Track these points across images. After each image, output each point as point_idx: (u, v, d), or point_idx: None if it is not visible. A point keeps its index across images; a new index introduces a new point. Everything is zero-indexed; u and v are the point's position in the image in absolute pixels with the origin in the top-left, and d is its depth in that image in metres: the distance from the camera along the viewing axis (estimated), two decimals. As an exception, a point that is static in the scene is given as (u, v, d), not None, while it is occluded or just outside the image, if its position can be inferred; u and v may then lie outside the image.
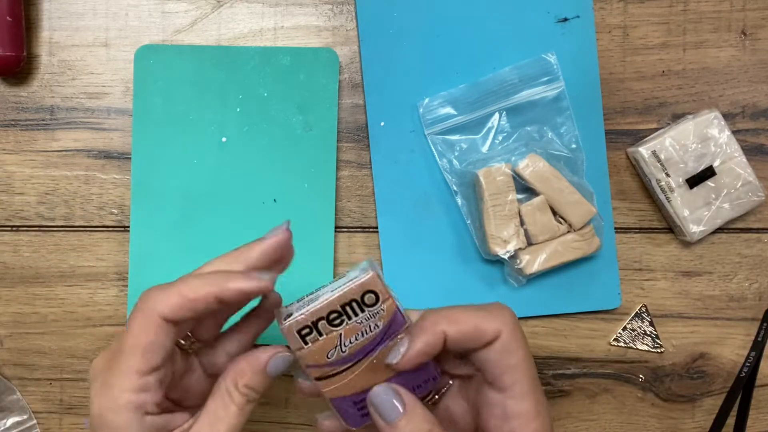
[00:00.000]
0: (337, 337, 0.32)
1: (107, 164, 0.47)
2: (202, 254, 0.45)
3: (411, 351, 0.31)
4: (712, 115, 0.45)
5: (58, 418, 0.48)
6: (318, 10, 0.47)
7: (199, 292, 0.30)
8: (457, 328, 0.32)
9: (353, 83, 0.47)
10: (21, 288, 0.48)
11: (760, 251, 0.48)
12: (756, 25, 0.47)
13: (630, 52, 0.47)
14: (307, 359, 0.32)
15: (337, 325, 0.32)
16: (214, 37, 0.47)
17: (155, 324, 0.30)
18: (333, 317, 0.32)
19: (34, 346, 0.48)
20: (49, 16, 0.47)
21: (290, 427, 0.48)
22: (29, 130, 0.47)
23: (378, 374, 0.33)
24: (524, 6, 0.46)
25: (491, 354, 0.32)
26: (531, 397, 0.32)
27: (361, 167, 0.47)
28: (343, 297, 0.31)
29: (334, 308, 0.32)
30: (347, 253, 0.47)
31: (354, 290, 0.31)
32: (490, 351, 0.32)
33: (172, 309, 0.30)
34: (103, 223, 0.47)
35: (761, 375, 0.48)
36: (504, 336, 0.32)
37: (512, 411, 0.32)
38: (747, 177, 0.45)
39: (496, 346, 0.32)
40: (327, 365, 0.32)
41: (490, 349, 0.32)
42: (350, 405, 0.33)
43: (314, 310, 0.31)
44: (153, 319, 0.30)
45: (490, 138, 0.46)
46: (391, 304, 0.32)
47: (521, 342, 0.32)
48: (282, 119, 0.46)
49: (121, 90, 0.47)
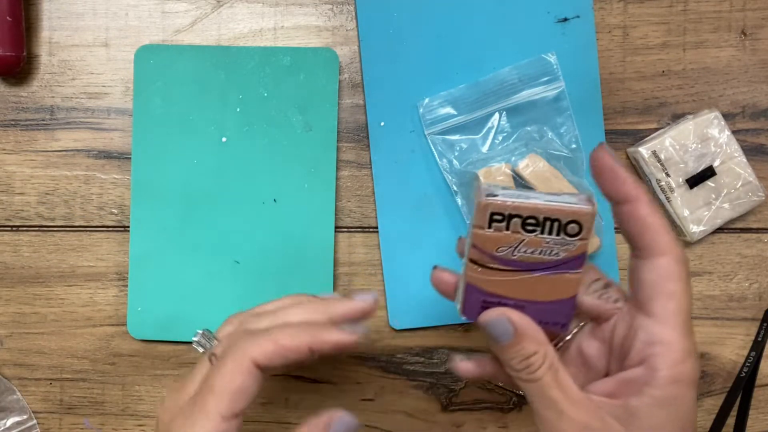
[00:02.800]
0: (519, 241, 0.31)
1: (107, 164, 0.47)
2: (202, 254, 0.46)
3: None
4: (712, 115, 0.45)
5: (58, 418, 0.48)
6: (318, 10, 0.47)
7: (294, 341, 0.32)
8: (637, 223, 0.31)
9: (353, 83, 0.47)
10: (21, 288, 0.48)
11: (760, 251, 0.48)
12: (756, 25, 0.47)
13: (630, 52, 0.47)
14: (478, 239, 0.31)
15: (527, 230, 0.31)
16: (214, 37, 0.47)
17: (247, 369, 0.31)
18: (529, 221, 0.30)
19: (34, 346, 0.48)
20: (49, 16, 0.47)
21: (290, 427, 0.48)
22: (29, 130, 0.47)
23: (523, 292, 0.32)
24: (524, 6, 0.46)
25: (652, 274, 0.31)
26: (680, 330, 0.30)
27: (361, 167, 0.47)
28: (551, 211, 0.30)
29: (536, 215, 0.30)
30: (347, 253, 0.47)
31: (566, 212, 0.30)
32: (652, 270, 0.31)
33: (266, 355, 0.32)
34: (103, 223, 0.47)
35: (761, 375, 0.48)
36: (669, 259, 0.30)
37: (658, 337, 0.30)
38: (747, 177, 0.45)
39: (658, 267, 0.31)
40: (489, 256, 0.31)
41: (651, 266, 0.31)
42: (478, 300, 0.32)
43: (518, 204, 0.30)
44: (245, 364, 0.31)
45: (490, 138, 0.46)
46: (584, 245, 0.31)
47: (684, 273, 0.31)
48: (282, 119, 0.46)
49: (121, 90, 0.47)
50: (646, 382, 0.30)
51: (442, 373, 0.48)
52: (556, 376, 0.31)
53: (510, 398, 0.48)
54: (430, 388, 0.48)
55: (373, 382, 0.48)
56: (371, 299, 0.35)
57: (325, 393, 0.48)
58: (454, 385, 0.48)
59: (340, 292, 0.47)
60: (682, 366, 0.30)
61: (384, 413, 0.48)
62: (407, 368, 0.48)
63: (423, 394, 0.48)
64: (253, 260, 0.46)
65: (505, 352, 0.32)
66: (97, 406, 0.48)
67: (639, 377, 0.31)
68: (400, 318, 0.47)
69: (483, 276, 0.32)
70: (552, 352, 0.31)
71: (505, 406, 0.48)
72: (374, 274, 0.47)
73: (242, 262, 0.46)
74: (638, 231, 0.31)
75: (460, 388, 0.48)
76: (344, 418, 0.33)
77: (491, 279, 0.32)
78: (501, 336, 0.31)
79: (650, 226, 0.31)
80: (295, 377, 0.48)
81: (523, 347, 0.31)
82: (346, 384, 0.48)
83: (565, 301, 0.32)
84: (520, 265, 0.31)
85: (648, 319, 0.31)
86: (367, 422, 0.48)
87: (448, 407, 0.48)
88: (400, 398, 0.48)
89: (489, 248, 0.31)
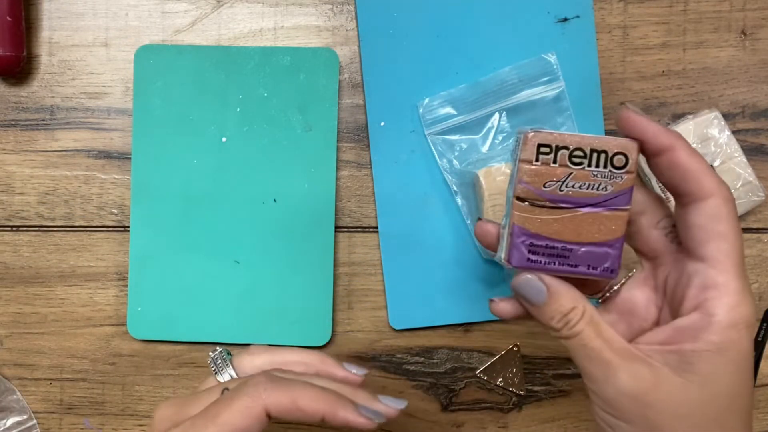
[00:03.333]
0: (566, 174, 0.31)
1: (107, 164, 0.47)
2: (202, 254, 0.46)
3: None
4: (712, 115, 0.45)
5: (58, 418, 0.48)
6: (318, 10, 0.47)
7: (311, 406, 0.32)
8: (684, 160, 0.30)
9: (353, 83, 0.47)
10: (21, 288, 0.48)
11: (760, 251, 0.48)
12: (756, 25, 0.47)
13: (630, 52, 0.47)
14: (525, 175, 0.31)
15: (574, 163, 0.31)
16: (214, 37, 0.47)
17: (257, 414, 0.31)
18: (576, 154, 0.31)
19: (34, 346, 0.48)
20: (49, 16, 0.47)
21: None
22: (29, 130, 0.47)
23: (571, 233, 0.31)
24: (524, 6, 0.46)
25: (700, 217, 0.30)
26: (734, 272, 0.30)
27: (361, 167, 0.47)
28: (598, 143, 0.30)
29: (583, 146, 0.30)
30: (347, 253, 0.47)
31: (612, 144, 0.30)
32: (700, 213, 0.30)
33: (280, 409, 0.31)
34: (103, 223, 0.47)
35: (761, 375, 0.48)
36: (717, 200, 0.30)
37: (712, 281, 0.30)
38: (747, 177, 0.45)
39: (705, 208, 0.30)
40: (536, 192, 0.31)
41: (699, 210, 0.30)
42: (524, 243, 0.31)
43: (565, 136, 0.31)
44: (257, 409, 0.31)
45: (490, 138, 0.46)
46: (632, 179, 0.31)
47: (733, 213, 0.30)
48: (282, 119, 0.46)
49: (121, 90, 0.47)
50: (702, 327, 0.30)
51: (442, 373, 0.48)
52: (598, 329, 0.31)
53: (510, 398, 0.48)
54: (430, 388, 0.48)
55: (373, 382, 0.48)
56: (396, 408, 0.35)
57: (325, 393, 0.48)
58: (454, 385, 0.48)
59: (341, 292, 0.47)
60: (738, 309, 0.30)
61: (384, 413, 0.48)
62: (407, 368, 0.48)
63: (423, 394, 0.48)
64: (253, 260, 0.46)
65: (543, 313, 0.32)
66: (97, 406, 0.48)
67: (694, 323, 0.30)
68: (400, 318, 0.47)
69: (530, 215, 0.31)
70: (590, 307, 0.31)
71: (505, 406, 0.48)
72: (374, 274, 0.47)
73: (242, 262, 0.46)
74: (680, 177, 0.31)
75: (460, 388, 0.48)
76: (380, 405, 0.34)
77: (538, 218, 0.31)
78: (535, 297, 0.31)
79: (692, 171, 0.30)
80: (295, 377, 0.48)
81: (560, 305, 0.31)
82: (346, 384, 0.48)
83: (614, 243, 0.31)
84: (568, 201, 0.31)
85: (701, 264, 0.30)
86: (367, 422, 0.48)
87: (448, 407, 0.48)
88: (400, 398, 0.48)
89: (536, 184, 0.31)
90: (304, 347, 0.47)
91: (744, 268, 0.30)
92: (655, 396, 0.30)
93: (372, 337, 0.47)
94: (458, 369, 0.48)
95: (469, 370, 0.48)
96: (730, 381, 0.30)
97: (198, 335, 0.46)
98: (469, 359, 0.48)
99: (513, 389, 0.47)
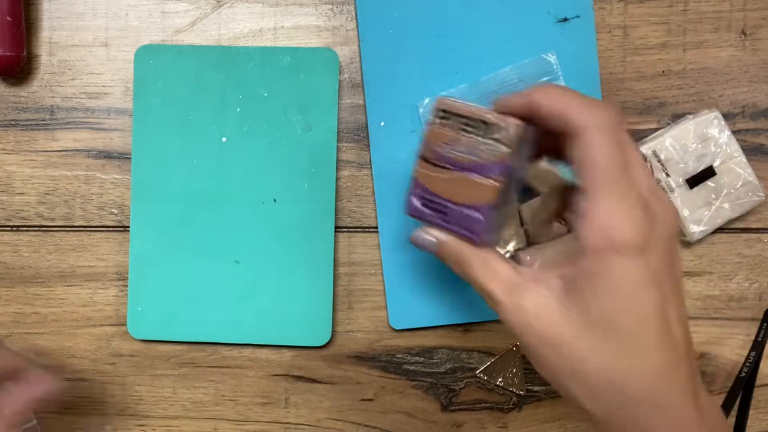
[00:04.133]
0: (457, 139, 0.35)
1: (107, 164, 0.47)
2: (202, 254, 0.46)
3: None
4: (712, 115, 0.45)
5: (58, 418, 0.48)
6: (318, 10, 0.47)
7: None
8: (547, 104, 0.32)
9: (353, 83, 0.47)
10: (21, 288, 0.48)
11: (760, 251, 0.48)
12: (756, 25, 0.47)
13: (630, 52, 0.47)
14: (426, 135, 0.36)
15: (465, 131, 0.34)
16: (214, 37, 0.47)
17: None
18: (469, 123, 0.34)
19: (34, 346, 0.48)
20: (49, 16, 0.47)
21: (290, 427, 0.48)
22: (29, 130, 0.47)
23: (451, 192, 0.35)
24: (524, 6, 0.46)
25: (574, 151, 0.31)
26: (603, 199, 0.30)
27: (361, 167, 0.47)
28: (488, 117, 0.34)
29: (474, 117, 0.34)
30: (347, 253, 0.47)
31: (498, 119, 0.33)
32: (574, 148, 0.31)
33: None
34: (103, 223, 0.47)
35: (761, 375, 0.48)
36: (589, 131, 0.30)
37: (582, 210, 0.30)
38: (747, 177, 0.45)
39: (579, 144, 0.31)
40: (433, 151, 0.35)
41: (574, 145, 0.31)
42: (418, 195, 0.36)
43: (465, 106, 0.34)
44: None
45: (490, 138, 0.46)
46: (508, 154, 0.33)
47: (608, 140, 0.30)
48: (282, 119, 0.46)
49: (121, 90, 0.47)
50: (575, 254, 0.31)
51: (442, 373, 0.48)
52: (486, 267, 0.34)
53: (510, 398, 0.48)
54: (430, 388, 0.48)
55: (373, 382, 0.48)
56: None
57: (325, 393, 0.48)
58: (454, 385, 0.48)
59: (341, 292, 0.47)
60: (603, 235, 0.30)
61: (384, 413, 0.48)
62: (407, 368, 0.48)
63: (423, 394, 0.48)
64: (253, 260, 0.46)
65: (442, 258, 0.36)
66: (97, 406, 0.48)
67: (572, 250, 0.31)
68: (400, 318, 0.47)
69: (427, 171, 0.36)
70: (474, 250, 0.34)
71: (505, 406, 0.48)
72: (374, 274, 0.47)
73: (242, 262, 0.46)
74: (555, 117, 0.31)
75: (460, 388, 0.48)
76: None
77: (431, 174, 0.36)
78: (429, 246, 0.36)
79: (562, 108, 0.31)
80: (295, 377, 0.48)
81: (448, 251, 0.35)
82: (346, 384, 0.48)
83: (481, 208, 0.34)
84: (454, 163, 0.35)
85: (580, 196, 0.31)
86: (367, 422, 0.48)
87: (448, 407, 0.48)
88: (400, 398, 0.48)
89: (434, 144, 0.35)
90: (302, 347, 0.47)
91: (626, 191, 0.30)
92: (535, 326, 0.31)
93: (372, 337, 0.47)
94: (458, 369, 0.48)
95: (469, 370, 0.48)
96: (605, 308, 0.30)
97: (198, 335, 0.46)
98: (469, 359, 0.48)
99: (513, 389, 0.47)
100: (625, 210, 0.30)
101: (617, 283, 0.30)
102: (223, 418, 0.48)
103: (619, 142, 0.31)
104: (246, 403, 0.48)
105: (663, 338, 0.30)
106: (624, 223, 0.29)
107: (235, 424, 0.48)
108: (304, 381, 0.48)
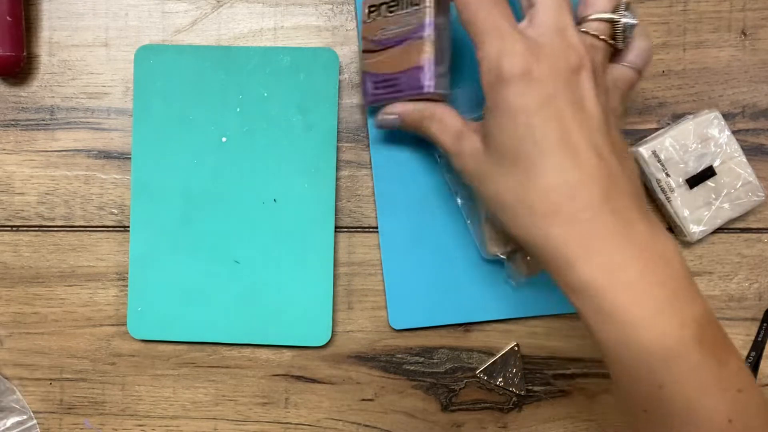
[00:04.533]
0: (386, 23, 0.40)
1: (107, 164, 0.47)
2: (202, 254, 0.46)
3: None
4: (712, 115, 0.45)
5: (58, 418, 0.48)
6: (318, 10, 0.47)
7: None
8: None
9: (353, 83, 0.47)
10: (21, 288, 0.48)
11: (760, 251, 0.48)
12: (756, 25, 0.47)
13: (630, 52, 0.47)
14: (363, 31, 0.42)
15: (390, 12, 0.40)
16: (214, 37, 0.47)
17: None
18: (391, 4, 0.40)
19: (34, 346, 0.48)
20: (49, 16, 0.47)
21: (290, 427, 0.48)
22: (29, 130, 0.47)
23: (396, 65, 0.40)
24: (524, 6, 0.46)
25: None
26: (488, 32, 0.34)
27: (361, 167, 0.47)
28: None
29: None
30: (347, 253, 0.47)
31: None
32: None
33: None
34: (103, 223, 0.47)
35: (761, 375, 0.48)
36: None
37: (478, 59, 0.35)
38: (747, 177, 0.45)
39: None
40: (371, 42, 0.41)
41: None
42: (370, 82, 0.42)
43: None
44: None
45: (490, 138, 0.46)
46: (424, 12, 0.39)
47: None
48: (282, 119, 0.46)
49: (121, 90, 0.47)
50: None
51: (442, 373, 0.48)
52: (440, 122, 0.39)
53: (510, 398, 0.48)
54: (430, 388, 0.48)
55: (373, 382, 0.48)
56: None
57: (325, 393, 0.48)
58: (454, 385, 0.48)
59: (340, 292, 0.47)
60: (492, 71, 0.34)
61: (384, 413, 0.48)
62: (407, 368, 0.48)
63: (423, 394, 0.48)
64: (253, 260, 0.46)
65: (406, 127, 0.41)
66: (97, 406, 0.48)
67: None
68: (400, 318, 0.47)
69: (371, 61, 0.41)
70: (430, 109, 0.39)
71: (505, 406, 0.48)
72: (374, 274, 0.47)
73: (242, 262, 0.46)
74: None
75: (460, 388, 0.48)
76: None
77: (374, 61, 0.41)
78: (393, 122, 0.41)
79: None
80: (295, 377, 0.48)
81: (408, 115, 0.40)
82: (346, 384, 0.48)
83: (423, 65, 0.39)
84: (389, 42, 0.40)
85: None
86: (367, 422, 0.48)
87: (448, 407, 0.48)
88: (400, 398, 0.48)
89: (371, 36, 0.41)
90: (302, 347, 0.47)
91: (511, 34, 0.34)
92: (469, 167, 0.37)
93: (372, 337, 0.47)
94: (458, 369, 0.48)
95: (469, 370, 0.48)
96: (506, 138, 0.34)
97: (198, 335, 0.46)
98: (469, 359, 0.48)
99: (513, 389, 0.47)
100: (507, 47, 0.33)
101: (511, 111, 0.33)
102: (223, 418, 0.48)
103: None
104: (246, 403, 0.48)
105: (563, 159, 0.32)
106: (506, 58, 0.33)
107: (235, 424, 0.48)
108: (304, 381, 0.48)
